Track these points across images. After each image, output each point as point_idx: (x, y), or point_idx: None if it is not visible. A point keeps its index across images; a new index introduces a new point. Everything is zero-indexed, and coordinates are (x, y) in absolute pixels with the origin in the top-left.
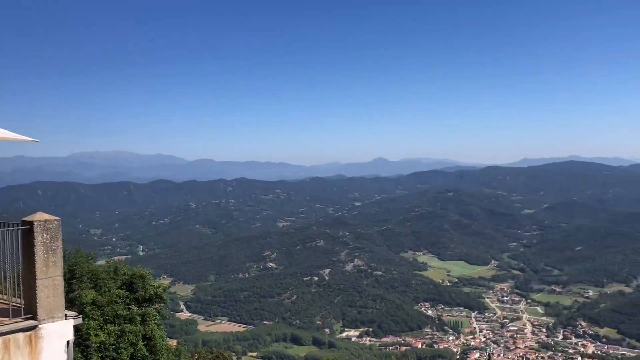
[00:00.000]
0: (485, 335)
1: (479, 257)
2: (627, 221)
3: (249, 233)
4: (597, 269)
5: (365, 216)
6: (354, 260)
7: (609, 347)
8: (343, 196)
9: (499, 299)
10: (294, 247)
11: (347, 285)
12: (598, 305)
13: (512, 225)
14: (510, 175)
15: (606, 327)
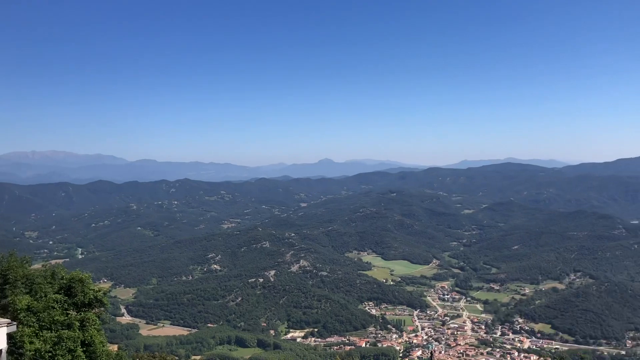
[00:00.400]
0: (427, 333)
1: (421, 256)
2: (560, 220)
3: (193, 235)
4: (532, 266)
5: (311, 217)
6: (300, 261)
7: (543, 341)
8: (289, 197)
9: (440, 297)
10: (239, 249)
11: (292, 286)
12: (533, 302)
13: (452, 224)
14: (451, 177)
15: (541, 322)
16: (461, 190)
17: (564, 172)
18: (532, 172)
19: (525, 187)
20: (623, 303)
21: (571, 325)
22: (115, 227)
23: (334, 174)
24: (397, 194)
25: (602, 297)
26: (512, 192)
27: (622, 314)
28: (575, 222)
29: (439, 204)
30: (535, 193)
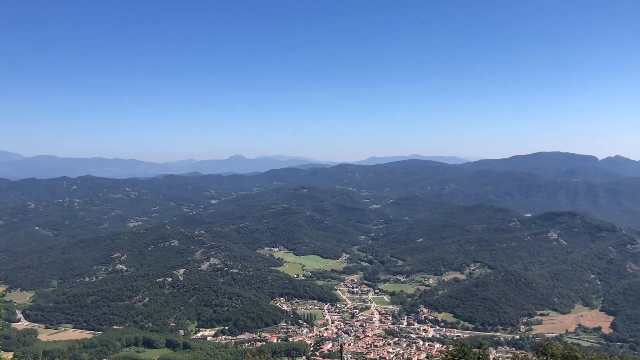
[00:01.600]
0: (337, 326)
1: (332, 251)
2: (461, 214)
3: (96, 234)
4: (435, 258)
5: (221, 214)
6: (210, 259)
7: (446, 330)
8: (199, 194)
9: (349, 290)
10: (146, 248)
11: (202, 285)
12: (437, 292)
13: (361, 219)
14: (360, 173)
15: (444, 311)
16: (370, 186)
17: (464, 168)
18: (435, 168)
19: (429, 183)
20: (517, 291)
21: (471, 313)
22: (11, 227)
23: (245, 170)
24: (309, 190)
25: (499, 285)
26: (417, 187)
27: (517, 301)
28: (474, 216)
29: (349, 199)
30: (438, 188)
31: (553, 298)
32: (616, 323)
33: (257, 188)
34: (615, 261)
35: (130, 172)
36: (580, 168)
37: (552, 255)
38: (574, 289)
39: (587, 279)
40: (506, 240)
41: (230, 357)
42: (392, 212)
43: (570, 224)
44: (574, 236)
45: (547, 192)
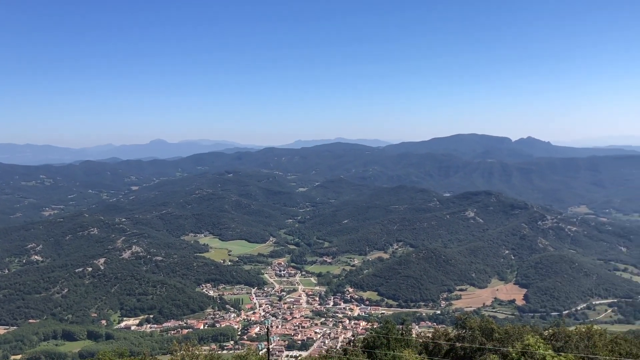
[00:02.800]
0: (264, 309)
1: (259, 235)
2: (384, 195)
3: (8, 224)
4: (360, 239)
5: (143, 201)
6: (132, 247)
7: (371, 308)
8: (118, 180)
9: (277, 274)
10: (64, 237)
11: (125, 274)
12: (362, 272)
13: (288, 202)
14: (286, 156)
15: (369, 290)
16: (296, 169)
17: (387, 151)
18: (360, 151)
19: (353, 165)
20: (438, 268)
21: (395, 291)
22: None
23: (167, 155)
24: (234, 174)
25: (421, 263)
26: (342, 170)
27: (438, 277)
28: (397, 197)
29: (275, 183)
30: (362, 170)
31: (471, 274)
32: (528, 295)
33: (180, 173)
34: (527, 237)
35: (44, 159)
36: (495, 149)
37: (469, 232)
38: (490, 264)
39: (502, 255)
40: (427, 219)
41: (156, 345)
42: (318, 195)
43: (486, 202)
44: (489, 214)
45: (465, 173)
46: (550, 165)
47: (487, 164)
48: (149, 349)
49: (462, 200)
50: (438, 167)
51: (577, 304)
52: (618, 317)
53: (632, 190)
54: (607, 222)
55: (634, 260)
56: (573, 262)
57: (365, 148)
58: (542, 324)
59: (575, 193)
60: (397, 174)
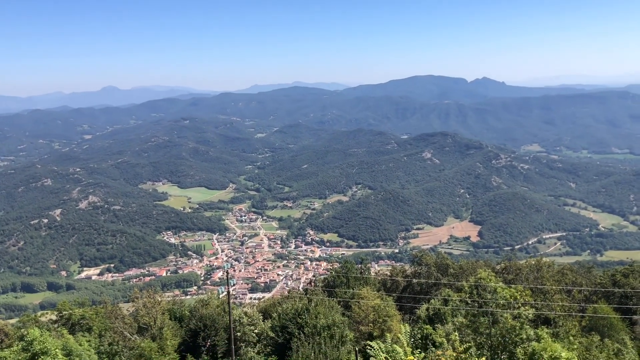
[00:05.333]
0: (227, 254)
1: (218, 182)
2: (343, 139)
3: None
4: (320, 183)
5: (97, 150)
6: (89, 197)
7: (332, 249)
8: (70, 129)
9: (238, 219)
10: (16, 189)
11: (82, 224)
12: (322, 215)
13: (247, 149)
14: (243, 102)
15: (329, 232)
16: (254, 115)
17: (345, 94)
18: (317, 95)
19: (311, 110)
20: (396, 208)
21: (354, 232)
22: None
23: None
24: (190, 121)
25: (379, 204)
26: (300, 115)
27: (396, 217)
28: (355, 140)
29: (233, 129)
30: (321, 115)
31: (428, 213)
32: (482, 232)
33: (135, 121)
34: (482, 176)
35: None
36: (451, 90)
37: (426, 173)
38: (446, 204)
39: (457, 194)
40: (385, 161)
41: (118, 294)
42: (277, 141)
43: (443, 143)
44: (446, 155)
45: (422, 114)
46: (504, 105)
47: (444, 105)
48: (110, 297)
49: (419, 142)
50: (395, 109)
51: (529, 238)
52: (566, 250)
53: (581, 128)
54: (558, 160)
55: (581, 195)
56: (525, 198)
57: (324, 92)
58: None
59: (528, 132)
60: (355, 118)
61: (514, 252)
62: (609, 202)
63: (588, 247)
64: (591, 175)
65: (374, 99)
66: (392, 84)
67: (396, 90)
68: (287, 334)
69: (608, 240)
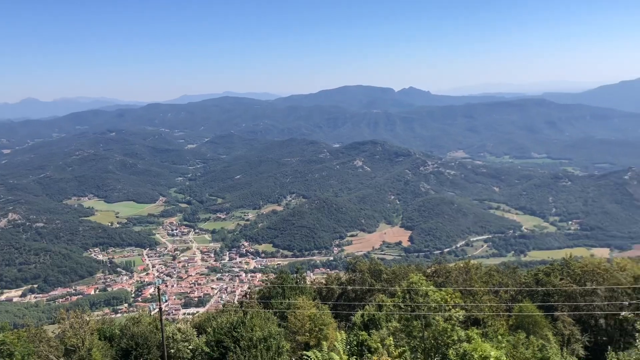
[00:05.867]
0: (158, 270)
1: (147, 195)
2: (276, 148)
3: None
4: (254, 193)
5: (17, 165)
6: (8, 214)
7: (267, 260)
8: None
9: (169, 233)
10: None
11: (2, 244)
12: (257, 226)
13: (177, 160)
14: (172, 112)
15: (264, 243)
16: (183, 126)
17: (277, 104)
18: (249, 104)
19: (243, 120)
20: (330, 216)
21: (290, 241)
22: None
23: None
24: (117, 133)
25: (314, 213)
26: (232, 125)
27: (330, 225)
28: (288, 149)
29: (162, 141)
30: (253, 124)
31: (361, 220)
32: (413, 236)
33: (58, 134)
34: (411, 182)
35: None
36: (380, 99)
37: (358, 181)
38: (378, 210)
39: (388, 200)
40: (318, 170)
41: (43, 315)
42: (208, 151)
43: (373, 151)
44: (376, 162)
45: (353, 123)
46: (430, 114)
47: (373, 114)
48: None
49: (350, 151)
50: (327, 118)
51: (457, 241)
52: (493, 251)
53: (502, 135)
54: (482, 165)
55: (505, 198)
56: (452, 203)
57: (255, 102)
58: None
59: (453, 139)
60: (287, 127)
61: (443, 255)
62: (530, 204)
63: (512, 248)
64: (513, 180)
65: (306, 109)
66: (323, 93)
67: (327, 100)
68: (223, 348)
69: (530, 241)
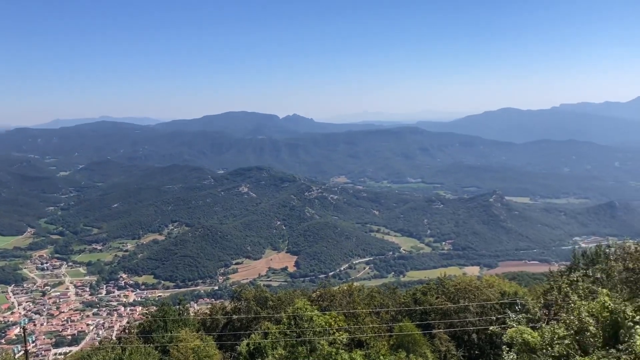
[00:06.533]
0: (25, 307)
1: (13, 227)
2: (157, 175)
3: None
4: (133, 222)
5: None
6: None
7: (147, 292)
8: None
9: (38, 267)
10: None
11: None
12: (136, 256)
13: (47, 189)
14: (42, 137)
15: (144, 274)
16: (55, 152)
17: (158, 129)
18: (128, 130)
19: (121, 145)
20: (214, 244)
21: (172, 272)
22: None
23: None
24: None
25: (197, 242)
26: (109, 151)
27: (214, 254)
28: (170, 176)
29: (31, 168)
30: (132, 151)
31: (247, 247)
32: (299, 261)
33: None
34: (296, 207)
35: None
36: (264, 126)
37: (244, 207)
38: (264, 236)
39: (274, 226)
40: (202, 197)
41: None
42: (83, 179)
43: (259, 177)
44: (262, 188)
45: (238, 149)
46: (313, 141)
47: (258, 140)
48: None
49: (235, 177)
50: (211, 144)
51: (341, 264)
52: (374, 273)
53: (381, 160)
54: (363, 190)
55: (384, 221)
56: (336, 227)
57: (135, 127)
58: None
59: (336, 165)
60: (170, 153)
61: (328, 279)
62: (407, 226)
63: (392, 269)
64: (391, 203)
65: (189, 134)
66: (207, 119)
67: (211, 126)
68: None
69: (409, 262)
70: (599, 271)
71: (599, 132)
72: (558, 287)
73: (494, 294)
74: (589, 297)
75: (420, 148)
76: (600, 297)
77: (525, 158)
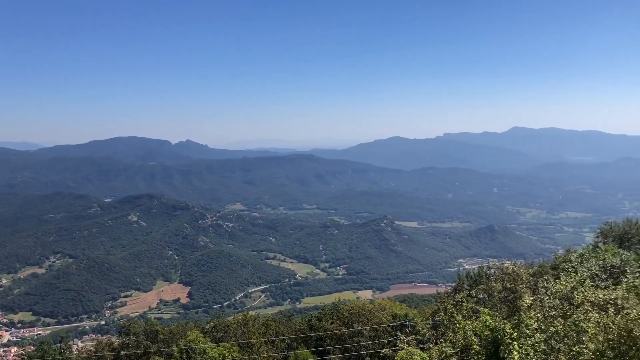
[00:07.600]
0: None
1: None
2: (37, 204)
3: None
4: (9, 255)
5: None
6: None
7: (24, 330)
8: None
9: None
10: None
11: None
12: (12, 292)
13: None
14: None
15: (21, 312)
16: None
17: (39, 155)
18: (4, 155)
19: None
20: (101, 277)
21: (53, 308)
22: None
23: None
24: None
25: (82, 274)
26: None
27: (101, 287)
28: (52, 205)
29: None
30: (9, 177)
31: (136, 278)
32: (192, 292)
33: None
34: (189, 236)
35: None
36: (156, 152)
37: (133, 237)
38: (155, 267)
39: (166, 256)
40: (87, 227)
41: None
42: None
43: (149, 205)
44: (152, 217)
45: (127, 176)
46: (208, 167)
47: (149, 166)
48: None
49: (124, 205)
50: (97, 170)
51: (236, 294)
52: (270, 301)
53: (277, 187)
54: (259, 217)
55: (280, 248)
56: (231, 255)
57: (12, 152)
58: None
59: (231, 192)
60: (52, 180)
61: (222, 309)
62: (303, 252)
63: (288, 296)
64: (288, 230)
65: (74, 160)
66: (94, 144)
67: (98, 151)
68: None
69: (304, 288)
70: (481, 291)
71: (478, 160)
72: (444, 308)
73: (386, 316)
74: (472, 317)
75: (316, 175)
76: (483, 316)
77: (412, 184)
